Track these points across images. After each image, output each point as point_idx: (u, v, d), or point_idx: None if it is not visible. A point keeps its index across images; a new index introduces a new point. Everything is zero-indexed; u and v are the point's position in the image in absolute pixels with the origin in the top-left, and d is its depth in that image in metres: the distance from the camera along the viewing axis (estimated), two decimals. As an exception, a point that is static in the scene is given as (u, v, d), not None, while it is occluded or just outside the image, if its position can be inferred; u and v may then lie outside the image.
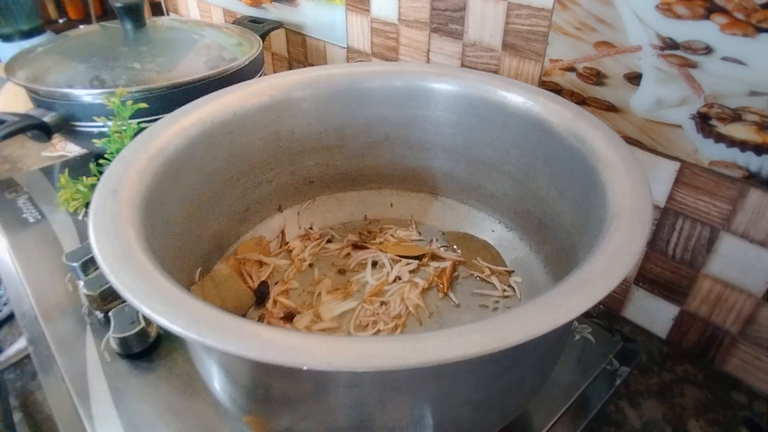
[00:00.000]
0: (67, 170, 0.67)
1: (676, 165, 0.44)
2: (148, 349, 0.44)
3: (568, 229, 0.40)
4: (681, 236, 0.46)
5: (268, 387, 0.29)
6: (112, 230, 0.29)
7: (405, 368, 0.21)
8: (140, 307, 0.24)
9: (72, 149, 0.75)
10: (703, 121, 0.41)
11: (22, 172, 0.71)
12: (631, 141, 0.46)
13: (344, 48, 0.74)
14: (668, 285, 0.49)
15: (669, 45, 0.41)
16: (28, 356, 0.51)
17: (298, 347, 0.22)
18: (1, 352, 0.55)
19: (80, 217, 0.60)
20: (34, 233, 0.58)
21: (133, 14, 0.67)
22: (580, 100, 0.49)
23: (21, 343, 0.55)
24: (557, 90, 0.50)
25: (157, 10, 1.15)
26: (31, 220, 0.60)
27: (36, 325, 0.48)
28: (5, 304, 0.60)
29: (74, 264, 0.50)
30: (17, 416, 0.49)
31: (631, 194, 0.31)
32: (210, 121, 0.43)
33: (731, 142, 0.41)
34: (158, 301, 0.24)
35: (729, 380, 0.47)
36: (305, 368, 0.21)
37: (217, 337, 0.22)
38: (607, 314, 0.54)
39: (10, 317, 0.59)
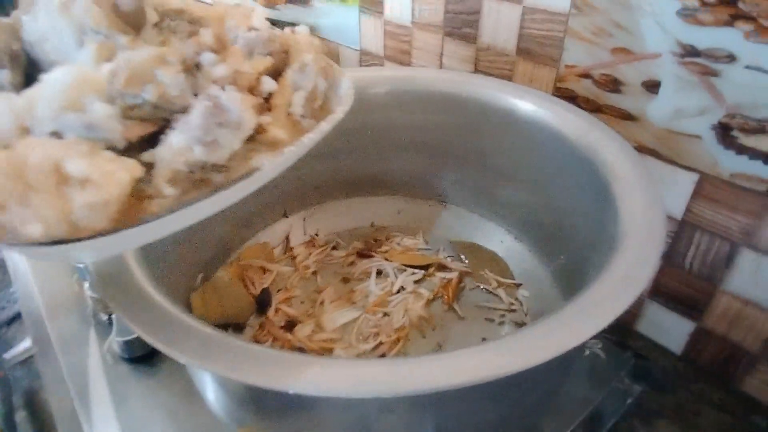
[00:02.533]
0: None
1: (695, 177, 0.42)
2: (149, 353, 0.44)
3: (578, 243, 0.39)
4: (698, 250, 0.45)
5: (260, 402, 0.29)
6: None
7: (396, 396, 0.20)
8: (128, 321, 0.23)
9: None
10: (725, 132, 0.40)
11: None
12: (647, 151, 0.45)
13: (357, 50, 0.73)
14: (684, 300, 0.47)
15: (690, 52, 0.39)
16: (34, 354, 0.51)
17: (287, 369, 0.21)
18: (8, 350, 0.55)
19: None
20: (44, 232, 0.59)
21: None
22: (596, 108, 0.47)
23: (28, 342, 0.56)
24: (572, 97, 0.49)
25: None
26: (42, 218, 0.61)
27: (41, 325, 0.48)
28: (15, 302, 0.61)
29: (80, 264, 0.50)
30: (21, 415, 0.49)
31: (644, 212, 0.29)
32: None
33: (754, 154, 0.39)
34: (145, 316, 0.23)
35: (748, 401, 0.45)
36: (291, 392, 0.20)
37: (203, 357, 0.22)
38: (618, 328, 0.52)
39: (19, 315, 0.59)
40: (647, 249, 0.27)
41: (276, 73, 0.27)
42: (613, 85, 0.45)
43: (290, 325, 0.43)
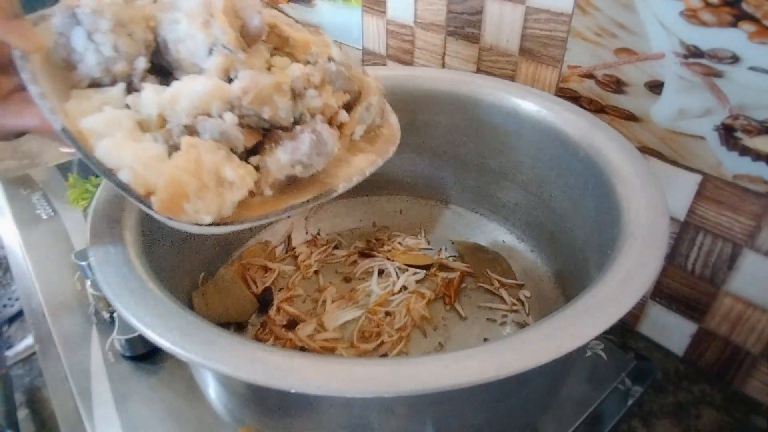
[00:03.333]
0: (76, 169, 0.67)
1: (698, 178, 0.42)
2: (151, 351, 0.44)
3: (580, 244, 0.39)
4: (701, 251, 0.44)
5: (261, 401, 0.29)
6: (109, 235, 0.29)
7: (396, 395, 0.20)
8: (129, 319, 0.23)
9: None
10: (728, 133, 0.40)
11: (38, 169, 0.72)
12: (650, 152, 0.45)
13: (360, 50, 0.73)
14: (687, 301, 0.47)
15: (693, 53, 0.39)
16: (36, 352, 0.51)
17: (288, 369, 0.21)
18: (10, 348, 0.55)
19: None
20: (46, 229, 0.59)
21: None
22: (599, 108, 0.47)
23: (30, 340, 0.56)
24: (575, 97, 0.49)
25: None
26: (44, 216, 0.61)
27: (43, 323, 0.48)
28: (17, 300, 0.61)
29: (83, 263, 0.50)
30: (23, 413, 0.49)
31: (647, 214, 0.29)
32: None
33: (757, 156, 0.39)
34: (147, 314, 0.23)
35: (748, 402, 0.45)
36: (293, 391, 0.20)
37: (205, 355, 0.22)
38: (620, 329, 0.52)
39: (21, 313, 0.59)
40: (650, 251, 0.27)
41: (347, 106, 0.33)
42: (616, 85, 0.45)
43: (292, 325, 0.43)
